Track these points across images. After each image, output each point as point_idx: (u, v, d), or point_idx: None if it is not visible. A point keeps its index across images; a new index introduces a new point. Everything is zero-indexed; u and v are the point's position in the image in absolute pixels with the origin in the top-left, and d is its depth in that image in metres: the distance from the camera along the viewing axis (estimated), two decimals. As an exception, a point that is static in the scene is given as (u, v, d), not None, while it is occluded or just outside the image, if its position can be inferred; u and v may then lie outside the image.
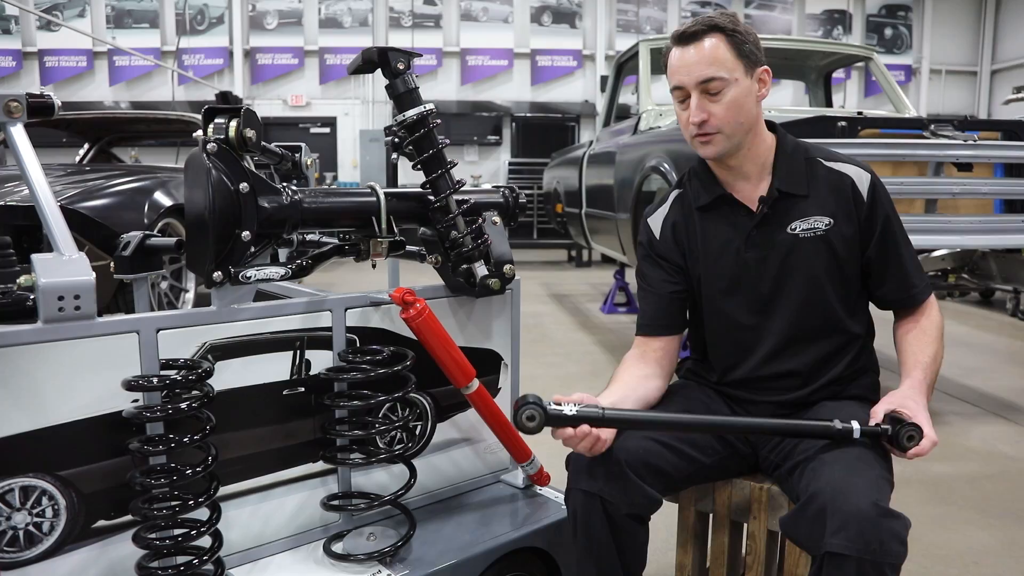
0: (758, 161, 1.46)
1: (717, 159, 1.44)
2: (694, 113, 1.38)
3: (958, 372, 4.36)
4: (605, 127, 5.67)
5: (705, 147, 1.42)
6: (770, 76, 1.43)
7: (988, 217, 3.58)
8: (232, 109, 1.31)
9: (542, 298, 7.05)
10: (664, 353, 1.52)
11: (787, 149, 1.47)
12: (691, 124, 1.40)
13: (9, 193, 3.46)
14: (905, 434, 1.24)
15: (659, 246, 1.54)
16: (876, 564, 1.11)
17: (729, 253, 1.46)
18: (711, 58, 1.36)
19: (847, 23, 13.88)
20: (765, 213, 1.44)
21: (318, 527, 1.49)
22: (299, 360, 1.42)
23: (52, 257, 1.18)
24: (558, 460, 1.45)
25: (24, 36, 13.00)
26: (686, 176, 1.56)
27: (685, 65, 1.38)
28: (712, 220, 1.49)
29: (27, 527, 1.16)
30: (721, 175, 1.49)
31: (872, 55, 4.96)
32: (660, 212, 1.57)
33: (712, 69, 1.35)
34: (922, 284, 1.47)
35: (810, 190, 1.44)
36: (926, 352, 1.41)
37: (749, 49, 1.38)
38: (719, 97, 1.36)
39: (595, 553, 1.31)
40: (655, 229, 1.56)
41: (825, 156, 1.48)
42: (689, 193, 1.53)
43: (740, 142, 1.41)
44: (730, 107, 1.37)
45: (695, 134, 1.41)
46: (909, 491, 2.64)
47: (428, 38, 13.17)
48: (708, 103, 1.37)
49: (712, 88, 1.36)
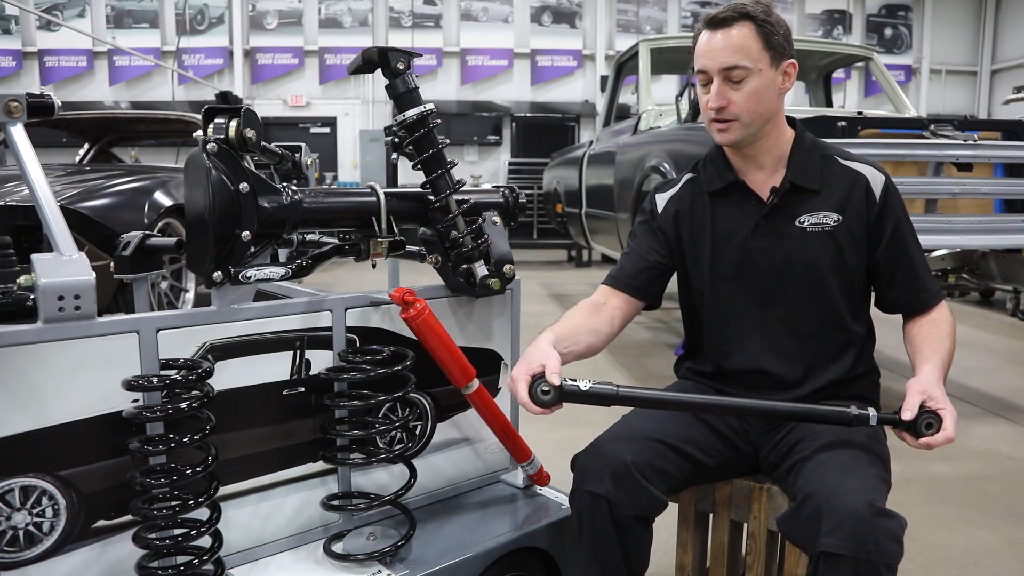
0: (774, 153, 1.46)
1: (732, 146, 1.44)
2: (713, 99, 1.38)
3: (958, 372, 4.35)
4: (605, 127, 5.67)
5: (721, 134, 1.42)
6: (795, 70, 1.43)
7: (988, 217, 3.58)
8: (232, 109, 1.30)
9: (542, 298, 7.04)
10: (618, 312, 1.51)
11: (804, 144, 1.48)
12: (709, 109, 1.40)
13: (9, 193, 3.46)
14: (924, 421, 1.22)
15: (660, 219, 1.56)
16: (872, 564, 1.11)
17: (736, 240, 1.47)
18: (737, 46, 1.36)
19: (847, 23, 13.88)
20: (775, 204, 1.44)
21: (318, 527, 1.49)
22: (299, 360, 1.42)
23: (52, 257, 1.18)
24: (558, 460, 1.45)
25: (24, 36, 13.00)
26: (701, 161, 1.57)
27: (711, 50, 1.38)
28: (722, 206, 1.50)
29: (27, 527, 1.16)
30: (736, 163, 1.49)
31: (872, 55, 4.97)
32: (669, 192, 1.58)
33: (736, 57, 1.35)
34: (934, 288, 1.46)
35: (823, 186, 1.44)
36: (942, 345, 1.39)
37: (778, 41, 1.38)
38: (740, 85, 1.37)
39: (600, 554, 1.32)
40: (660, 204, 1.57)
41: (842, 155, 1.49)
42: (702, 178, 1.54)
43: (757, 132, 1.42)
44: (750, 96, 1.37)
45: (712, 119, 1.41)
46: (909, 491, 2.64)
47: (428, 38, 13.18)
48: (729, 90, 1.38)
49: (734, 76, 1.36)
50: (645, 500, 1.30)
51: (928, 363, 1.34)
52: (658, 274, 1.55)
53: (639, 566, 1.36)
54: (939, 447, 1.23)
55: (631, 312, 1.54)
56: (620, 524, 1.29)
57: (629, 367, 4.03)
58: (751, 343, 1.48)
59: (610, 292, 1.54)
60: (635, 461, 1.30)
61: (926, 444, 1.23)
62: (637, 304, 1.54)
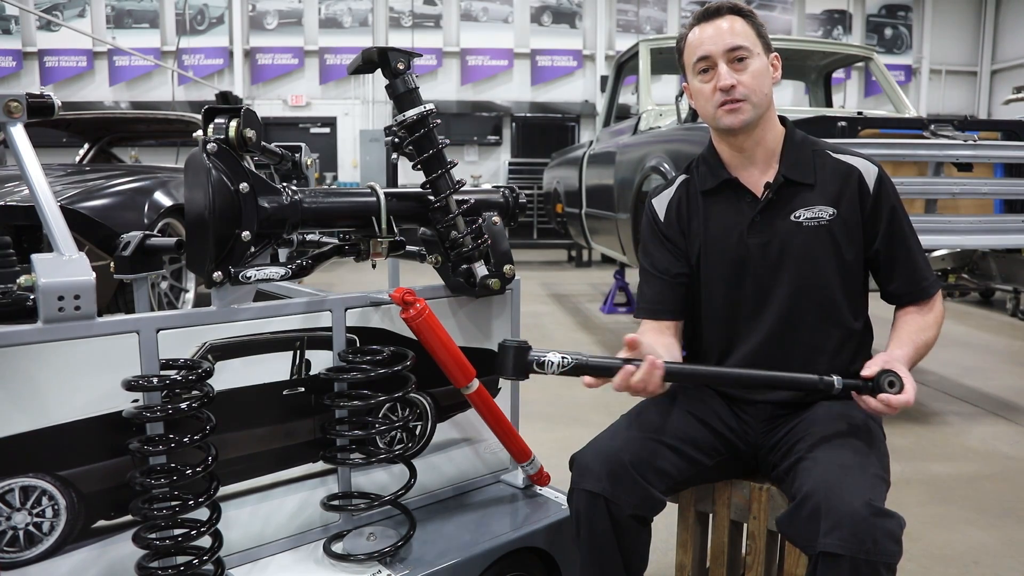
0: (768, 147, 1.47)
1: (740, 131, 1.43)
2: (724, 77, 1.39)
3: (958, 372, 4.35)
4: (605, 127, 5.67)
5: (732, 115, 1.41)
6: (780, 63, 1.48)
7: (988, 217, 3.57)
8: (232, 109, 1.31)
9: (542, 298, 7.04)
10: (674, 334, 1.53)
11: (795, 139, 1.49)
12: (718, 91, 1.41)
13: (9, 193, 3.46)
14: (887, 379, 1.25)
15: (664, 227, 1.56)
16: (870, 563, 1.11)
17: (731, 238, 1.47)
18: (736, 31, 1.41)
19: (847, 23, 13.87)
20: (770, 199, 1.45)
21: (318, 527, 1.49)
22: (299, 360, 1.42)
23: (52, 257, 1.18)
24: (558, 460, 1.45)
25: (24, 36, 13.00)
26: (694, 163, 1.58)
27: (712, 36, 1.41)
28: (716, 204, 1.50)
29: (27, 527, 1.16)
30: (730, 160, 1.50)
31: (872, 55, 4.96)
32: (665, 195, 1.58)
33: (739, 39, 1.40)
34: (932, 278, 1.49)
35: (816, 180, 1.45)
36: (923, 335, 1.43)
37: (764, 32, 1.46)
38: (745, 65, 1.40)
39: (598, 553, 1.32)
40: (659, 211, 1.57)
41: (833, 149, 1.50)
42: (696, 179, 1.55)
43: (761, 116, 1.43)
44: (756, 76, 1.41)
45: (722, 101, 1.41)
46: (909, 491, 2.64)
47: (428, 38, 13.17)
48: (735, 71, 1.40)
49: (739, 55, 1.40)
50: (643, 499, 1.30)
51: (900, 349, 1.39)
52: (681, 287, 1.54)
53: (638, 565, 1.36)
54: (898, 408, 1.24)
55: (680, 331, 1.55)
56: (618, 523, 1.30)
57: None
58: (749, 340, 1.48)
59: (649, 323, 1.54)
60: (633, 460, 1.30)
61: (886, 402, 1.24)
62: (680, 323, 1.55)
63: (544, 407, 3.45)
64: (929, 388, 4.03)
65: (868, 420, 1.40)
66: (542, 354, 1.25)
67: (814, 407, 1.44)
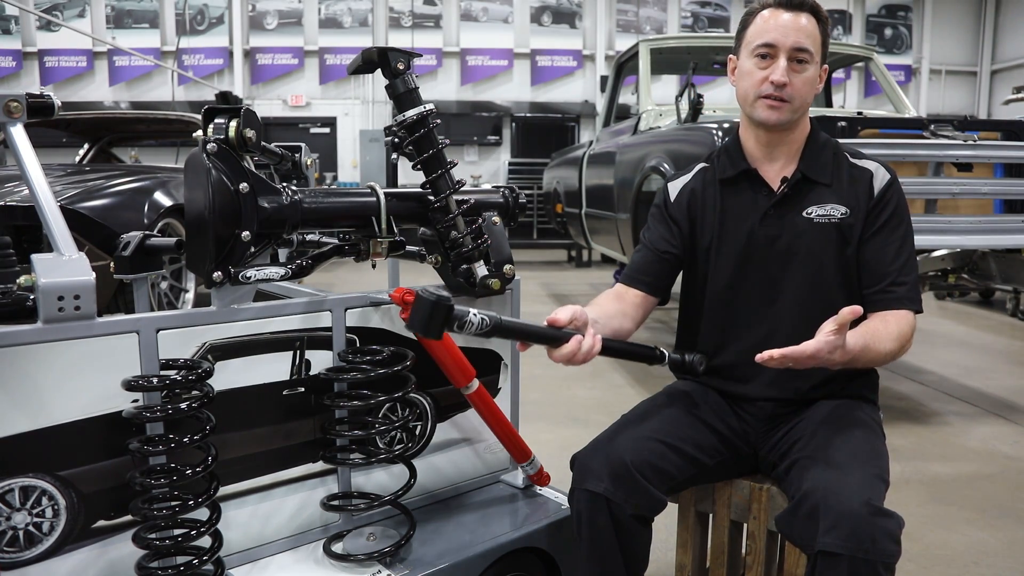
0: (792, 145, 1.48)
1: (775, 126, 1.44)
2: (779, 73, 1.39)
3: (958, 372, 4.36)
4: (605, 127, 5.67)
5: (771, 111, 1.41)
6: (825, 75, 1.48)
7: (988, 217, 3.57)
8: (232, 109, 1.31)
9: (542, 298, 7.04)
10: (638, 305, 1.53)
11: (818, 140, 1.51)
12: (768, 83, 1.40)
13: (9, 193, 3.46)
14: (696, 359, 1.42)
15: (672, 208, 1.57)
16: (869, 563, 1.11)
17: (743, 228, 1.48)
18: (809, 32, 1.40)
19: (847, 23, 13.87)
20: (785, 193, 1.46)
21: (318, 527, 1.49)
22: (299, 360, 1.42)
23: (52, 257, 1.18)
24: (558, 460, 1.45)
25: (24, 36, 13.00)
26: (715, 152, 1.59)
27: (785, 26, 1.39)
28: (733, 194, 1.52)
29: (27, 527, 1.16)
30: (753, 151, 1.50)
31: (872, 55, 4.97)
32: (681, 180, 1.60)
33: (808, 41, 1.40)
34: (910, 294, 1.41)
35: (833, 180, 1.46)
36: (881, 341, 1.33)
37: (828, 43, 1.45)
38: (803, 68, 1.40)
39: (599, 553, 1.32)
40: (672, 193, 1.59)
41: (853, 154, 1.51)
42: (715, 167, 1.56)
43: (796, 120, 1.44)
44: (807, 83, 1.41)
45: (767, 94, 1.40)
46: (908, 491, 2.64)
47: (428, 38, 13.17)
48: (793, 70, 1.40)
49: (802, 57, 1.40)
50: (644, 499, 1.30)
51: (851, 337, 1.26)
52: (669, 267, 1.55)
53: (638, 565, 1.36)
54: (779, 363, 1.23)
55: (648, 307, 1.55)
56: (619, 523, 1.30)
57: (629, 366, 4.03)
58: (750, 334, 1.48)
59: (623, 288, 1.56)
60: (634, 460, 1.31)
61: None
62: (652, 300, 1.56)
63: (544, 407, 3.45)
64: (929, 388, 4.03)
65: (868, 420, 1.40)
66: (463, 313, 1.18)
67: (814, 407, 1.44)
